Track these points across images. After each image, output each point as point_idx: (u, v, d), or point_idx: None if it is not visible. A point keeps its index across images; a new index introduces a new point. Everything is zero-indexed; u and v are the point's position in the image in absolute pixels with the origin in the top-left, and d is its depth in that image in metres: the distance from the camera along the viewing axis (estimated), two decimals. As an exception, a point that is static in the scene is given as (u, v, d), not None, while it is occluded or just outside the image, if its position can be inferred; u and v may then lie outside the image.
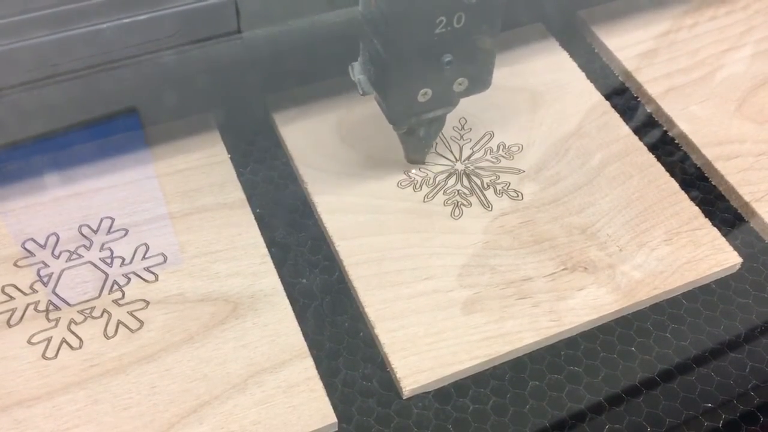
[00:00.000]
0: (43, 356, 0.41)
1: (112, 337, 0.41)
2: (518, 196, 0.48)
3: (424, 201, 0.48)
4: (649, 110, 0.55)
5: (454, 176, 0.49)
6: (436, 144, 0.51)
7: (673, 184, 0.49)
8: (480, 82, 0.45)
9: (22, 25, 0.40)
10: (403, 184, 0.49)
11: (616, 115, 0.53)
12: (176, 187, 0.48)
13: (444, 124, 0.48)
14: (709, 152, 0.51)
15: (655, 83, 0.55)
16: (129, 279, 0.44)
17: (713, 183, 0.51)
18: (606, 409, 0.41)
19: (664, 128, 0.54)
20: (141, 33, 0.43)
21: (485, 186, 0.49)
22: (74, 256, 0.44)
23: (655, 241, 0.46)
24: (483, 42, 0.42)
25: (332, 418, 0.39)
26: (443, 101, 0.45)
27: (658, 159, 0.51)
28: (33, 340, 0.41)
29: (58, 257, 0.44)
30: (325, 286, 0.45)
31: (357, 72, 0.44)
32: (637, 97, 0.56)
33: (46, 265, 0.44)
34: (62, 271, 0.44)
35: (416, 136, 0.47)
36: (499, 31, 0.42)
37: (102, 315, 0.42)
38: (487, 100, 0.53)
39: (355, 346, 0.43)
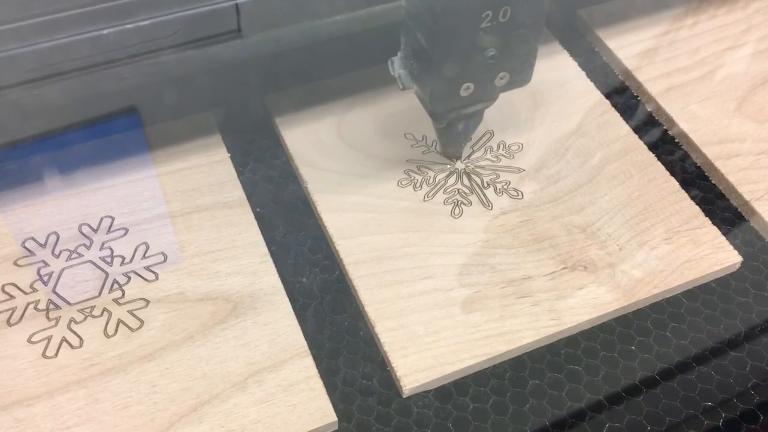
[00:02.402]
0: (43, 355, 0.41)
1: (112, 336, 0.41)
2: (518, 195, 0.48)
3: (424, 200, 0.48)
4: (649, 109, 0.55)
5: (455, 175, 0.49)
6: (436, 143, 0.51)
7: (673, 183, 0.49)
8: (522, 76, 0.45)
9: (22, 25, 0.40)
10: (403, 183, 0.49)
11: (616, 114, 0.53)
12: (176, 186, 0.48)
13: (482, 118, 0.47)
14: (709, 151, 0.51)
15: (655, 82, 0.55)
16: (129, 278, 0.44)
17: (713, 182, 0.51)
18: (606, 408, 0.41)
19: (664, 127, 0.54)
20: (141, 33, 0.43)
21: (485, 185, 0.49)
22: (74, 255, 0.44)
23: (655, 240, 0.46)
24: (527, 36, 0.42)
25: (332, 417, 0.39)
26: (484, 96, 0.45)
27: (658, 158, 0.51)
28: (33, 339, 0.41)
29: (58, 256, 0.44)
30: (325, 285, 0.45)
31: (398, 67, 0.44)
32: (637, 96, 0.56)
33: (47, 264, 0.44)
34: (62, 270, 0.44)
35: (455, 130, 0.47)
36: (544, 25, 0.42)
37: (102, 314, 0.42)
38: (487, 99, 0.53)
39: (355, 345, 0.43)
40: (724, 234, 0.47)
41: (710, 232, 0.47)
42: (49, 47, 0.41)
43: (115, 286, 0.43)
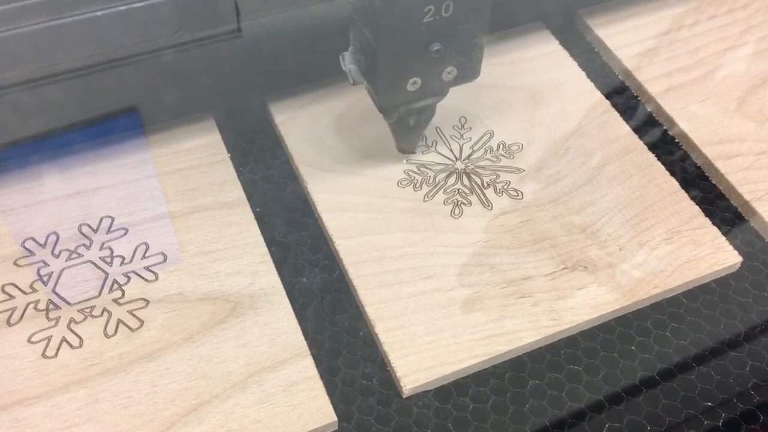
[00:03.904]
0: (43, 355, 0.41)
1: (112, 336, 0.41)
2: (518, 195, 0.48)
3: (424, 200, 0.48)
4: (649, 109, 0.55)
5: (454, 175, 0.49)
6: (436, 143, 0.51)
7: (673, 183, 0.49)
8: (469, 71, 0.45)
9: (22, 25, 0.40)
10: (403, 183, 0.49)
11: (616, 114, 0.53)
12: (176, 186, 0.48)
13: (434, 113, 0.48)
14: (709, 151, 0.51)
15: (655, 82, 0.55)
16: (129, 278, 0.44)
17: (713, 182, 0.51)
18: (606, 408, 0.41)
19: (664, 127, 0.54)
20: (140, 31, 0.43)
21: (485, 185, 0.49)
22: (74, 255, 0.44)
23: (655, 240, 0.46)
24: (471, 31, 0.42)
25: (332, 417, 0.39)
26: (433, 90, 0.45)
27: (658, 158, 0.51)
28: (33, 339, 0.41)
29: (58, 256, 0.44)
30: (325, 285, 0.45)
31: (348, 62, 0.44)
32: (637, 96, 0.56)
33: (46, 264, 0.44)
34: (62, 270, 0.44)
35: (406, 125, 0.47)
36: (488, 20, 0.42)
37: (102, 314, 0.42)
38: (487, 99, 0.53)
39: (355, 345, 0.43)
40: (724, 234, 0.47)
41: (710, 232, 0.47)
42: (49, 45, 0.41)
43: (115, 286, 0.43)
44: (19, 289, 0.43)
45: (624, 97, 0.56)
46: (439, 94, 0.45)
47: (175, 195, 0.47)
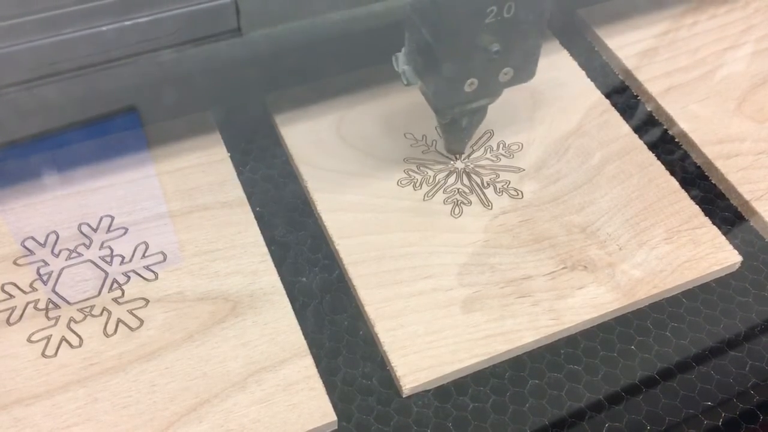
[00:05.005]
0: (43, 354, 0.41)
1: (112, 335, 0.41)
2: (518, 194, 0.48)
3: (424, 199, 0.48)
4: (649, 109, 0.55)
5: (454, 175, 0.49)
6: (436, 142, 0.51)
7: (673, 183, 0.49)
8: (525, 72, 0.45)
9: (22, 25, 0.40)
10: (403, 182, 0.49)
11: (616, 114, 0.53)
12: (176, 185, 0.48)
13: (486, 114, 0.47)
14: (709, 151, 0.51)
15: (655, 82, 0.55)
16: (129, 277, 0.44)
17: (713, 181, 0.51)
18: (606, 408, 0.41)
19: (664, 127, 0.54)
20: (140, 32, 0.43)
21: (485, 184, 0.49)
22: (74, 254, 0.44)
23: (655, 240, 0.46)
24: (530, 32, 0.42)
25: (332, 417, 0.39)
26: (488, 91, 0.45)
27: (658, 158, 0.51)
28: (33, 339, 0.41)
29: (57, 256, 0.44)
30: (324, 284, 0.45)
31: (402, 63, 0.44)
32: (637, 96, 0.56)
33: (46, 264, 0.44)
34: (62, 269, 0.44)
35: (458, 126, 0.47)
36: (547, 20, 0.42)
37: (102, 313, 0.42)
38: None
39: (354, 345, 0.43)
40: (724, 234, 0.47)
41: (710, 231, 0.47)
42: (48, 45, 0.41)
43: (115, 285, 0.43)
44: (19, 289, 0.43)
45: (624, 96, 0.55)
46: (494, 95, 0.45)
47: (175, 194, 0.47)
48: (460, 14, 0.39)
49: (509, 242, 0.46)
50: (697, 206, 0.48)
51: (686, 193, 0.49)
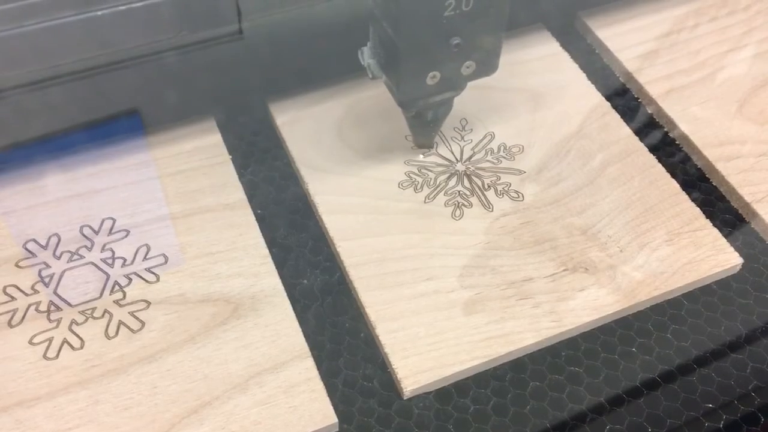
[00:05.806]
0: (45, 356, 0.41)
1: (113, 337, 0.41)
2: (519, 196, 0.48)
3: (425, 202, 0.48)
4: (649, 111, 0.55)
5: (455, 177, 0.49)
6: (437, 144, 0.51)
7: (674, 185, 0.49)
8: (487, 65, 0.45)
9: (22, 25, 0.40)
10: (404, 184, 0.49)
11: (617, 116, 0.53)
12: (177, 187, 0.48)
13: (452, 107, 0.48)
14: (709, 153, 0.51)
15: (656, 84, 0.55)
16: (130, 279, 0.44)
17: (714, 184, 0.51)
18: (607, 410, 0.41)
19: (665, 129, 0.54)
20: (141, 33, 0.43)
21: (486, 187, 0.49)
22: (75, 256, 0.44)
23: (656, 242, 0.46)
24: (490, 26, 0.42)
25: (333, 419, 0.39)
26: (451, 84, 0.45)
27: (659, 160, 0.51)
28: (34, 341, 0.41)
29: (59, 258, 0.44)
30: (325, 286, 0.45)
31: (367, 56, 0.44)
32: (637, 98, 0.56)
33: (48, 266, 0.44)
34: (63, 271, 0.44)
35: (424, 119, 0.47)
36: (507, 15, 0.42)
37: (103, 315, 0.42)
38: (488, 101, 0.53)
39: (355, 347, 0.43)
40: (725, 236, 0.47)
41: (711, 233, 0.47)
42: (49, 45, 0.42)
43: (116, 287, 0.43)
44: (21, 291, 0.43)
45: (625, 99, 0.56)
46: (457, 88, 0.46)
47: (177, 196, 0.47)
48: (419, 7, 0.39)
49: (510, 244, 0.46)
50: (698, 208, 0.48)
51: (687, 196, 0.49)
